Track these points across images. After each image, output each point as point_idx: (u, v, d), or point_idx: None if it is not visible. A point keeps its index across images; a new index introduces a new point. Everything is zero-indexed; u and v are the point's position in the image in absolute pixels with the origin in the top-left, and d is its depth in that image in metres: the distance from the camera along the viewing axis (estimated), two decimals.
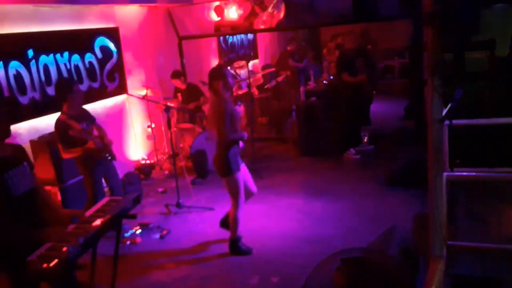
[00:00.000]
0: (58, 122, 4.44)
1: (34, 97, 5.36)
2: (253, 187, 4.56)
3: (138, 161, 7.36)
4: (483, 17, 2.74)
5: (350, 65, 7.02)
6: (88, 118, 4.70)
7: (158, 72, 7.86)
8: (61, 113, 4.49)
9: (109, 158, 4.68)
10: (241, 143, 4.38)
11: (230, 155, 4.20)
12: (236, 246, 4.45)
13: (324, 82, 8.93)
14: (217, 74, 4.24)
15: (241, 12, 8.25)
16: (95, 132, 4.71)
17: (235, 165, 4.23)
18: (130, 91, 7.08)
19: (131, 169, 6.91)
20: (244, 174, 4.41)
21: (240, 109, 4.43)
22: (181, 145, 7.34)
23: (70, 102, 4.48)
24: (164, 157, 7.54)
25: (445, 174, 3.40)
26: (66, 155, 4.52)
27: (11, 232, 2.77)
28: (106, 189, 4.99)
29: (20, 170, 2.88)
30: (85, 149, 4.41)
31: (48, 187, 4.88)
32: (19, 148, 3.07)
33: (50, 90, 5.53)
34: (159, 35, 7.88)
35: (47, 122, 5.35)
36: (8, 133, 2.97)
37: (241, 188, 4.31)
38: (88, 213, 3.23)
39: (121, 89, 6.97)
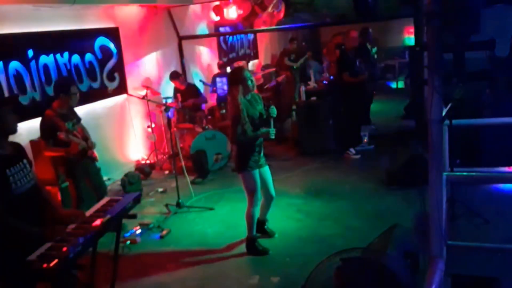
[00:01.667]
0: (45, 117, 4.42)
1: (34, 97, 5.37)
2: (272, 191, 4.53)
3: (138, 161, 7.36)
4: (483, 17, 2.74)
5: (350, 65, 7.02)
6: (75, 117, 4.68)
7: (158, 72, 7.86)
8: (50, 109, 4.46)
9: (91, 159, 4.67)
10: None
11: (245, 153, 4.22)
12: (253, 246, 4.43)
13: (324, 82, 8.92)
14: (236, 79, 4.18)
15: (241, 12, 8.25)
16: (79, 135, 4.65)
17: (250, 163, 4.23)
18: (130, 91, 7.08)
19: (131, 169, 6.91)
20: (265, 175, 4.42)
21: None
22: (181, 145, 7.34)
23: (62, 101, 4.46)
24: (164, 157, 7.54)
25: (445, 174, 3.40)
26: (48, 152, 4.52)
27: (11, 231, 2.76)
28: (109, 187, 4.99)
29: (20, 168, 2.88)
30: (68, 151, 4.39)
31: (48, 187, 4.87)
32: (18, 146, 3.07)
33: (50, 90, 5.53)
34: (159, 35, 7.88)
35: None
36: (15, 129, 2.97)
37: (256, 186, 4.29)
38: (88, 213, 3.23)
39: (121, 89, 6.97)
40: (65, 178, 4.75)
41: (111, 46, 6.76)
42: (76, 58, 6.08)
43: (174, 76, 7.43)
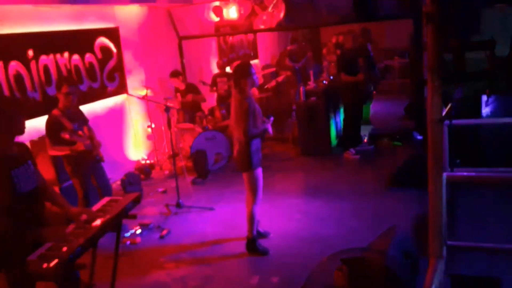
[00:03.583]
0: (51, 117, 4.42)
1: (34, 97, 5.37)
2: None
3: (138, 161, 7.36)
4: (483, 17, 2.74)
5: (350, 65, 7.02)
6: (81, 118, 4.68)
7: (158, 72, 7.86)
8: (56, 109, 4.47)
9: (97, 159, 4.67)
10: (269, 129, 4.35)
11: (253, 151, 4.23)
12: (253, 246, 4.43)
13: (324, 82, 8.92)
14: (245, 72, 4.17)
15: (241, 12, 8.25)
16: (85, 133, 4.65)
17: (256, 160, 4.26)
18: (130, 91, 7.08)
19: (131, 169, 6.91)
20: None
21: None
22: (181, 145, 7.34)
23: (61, 100, 4.47)
24: (164, 157, 7.54)
25: (445, 174, 3.40)
26: (52, 152, 4.51)
27: (13, 231, 2.76)
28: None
29: (24, 168, 2.88)
30: (73, 150, 4.39)
31: None
32: (23, 146, 3.07)
33: (50, 90, 5.53)
34: (159, 35, 7.88)
35: None
36: (23, 130, 2.97)
37: (260, 184, 4.33)
38: None
39: (121, 89, 6.97)
40: (71, 178, 4.73)
41: (111, 46, 6.76)
42: (76, 58, 6.08)
43: (174, 74, 7.42)
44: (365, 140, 7.43)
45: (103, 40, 6.59)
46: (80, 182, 4.62)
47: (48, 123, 4.43)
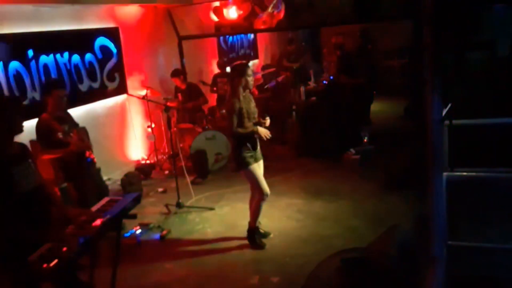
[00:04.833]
0: (41, 121, 4.38)
1: (34, 97, 5.37)
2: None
3: (138, 161, 7.36)
4: (483, 17, 2.74)
5: (350, 65, 7.02)
6: (70, 121, 4.65)
7: (158, 72, 7.86)
8: (45, 112, 4.42)
9: (89, 161, 4.66)
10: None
11: (242, 150, 4.27)
12: (252, 236, 4.51)
13: (324, 82, 8.93)
14: (241, 72, 4.26)
15: (241, 12, 8.25)
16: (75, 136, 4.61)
17: (247, 158, 4.29)
18: (130, 91, 7.08)
19: (131, 169, 6.90)
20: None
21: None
22: (181, 145, 7.34)
23: (52, 103, 4.41)
24: (164, 157, 7.54)
25: (445, 174, 3.40)
26: (45, 156, 4.48)
27: (13, 231, 2.76)
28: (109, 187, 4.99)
29: (25, 167, 2.88)
30: (66, 152, 4.37)
31: None
32: (23, 146, 3.08)
33: None
34: (159, 35, 7.88)
35: None
36: (21, 128, 2.96)
37: (259, 178, 4.37)
38: None
39: (121, 89, 6.97)
40: (64, 181, 4.72)
41: (111, 46, 6.76)
42: (76, 58, 6.08)
43: (175, 73, 7.41)
44: (365, 140, 7.43)
45: (103, 40, 6.59)
46: (74, 184, 4.60)
47: (38, 127, 4.38)
